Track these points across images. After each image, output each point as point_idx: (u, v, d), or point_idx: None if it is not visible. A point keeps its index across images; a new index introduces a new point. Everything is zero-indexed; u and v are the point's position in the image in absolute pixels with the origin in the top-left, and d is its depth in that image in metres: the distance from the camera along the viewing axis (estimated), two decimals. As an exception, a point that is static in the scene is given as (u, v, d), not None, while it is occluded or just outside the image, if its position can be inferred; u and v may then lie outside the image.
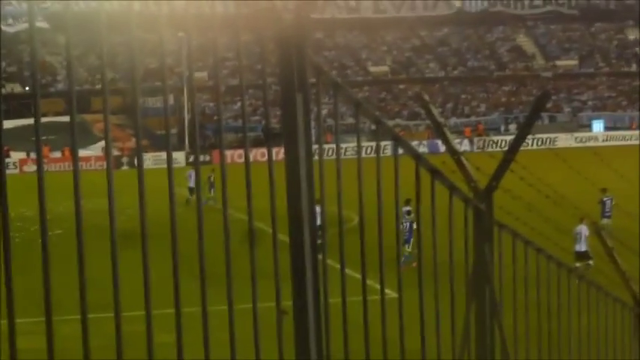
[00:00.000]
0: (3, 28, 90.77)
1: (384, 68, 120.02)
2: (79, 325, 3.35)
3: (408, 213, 34.88)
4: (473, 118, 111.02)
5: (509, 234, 6.71)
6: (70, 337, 3.58)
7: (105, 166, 3.57)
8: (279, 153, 4.25)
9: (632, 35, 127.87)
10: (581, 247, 41.19)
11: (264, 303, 4.12)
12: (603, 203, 49.59)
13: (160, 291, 3.76)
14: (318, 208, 5.56)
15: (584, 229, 41.16)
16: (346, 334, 4.67)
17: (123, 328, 3.50)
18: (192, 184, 57.92)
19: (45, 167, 3.45)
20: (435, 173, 5.80)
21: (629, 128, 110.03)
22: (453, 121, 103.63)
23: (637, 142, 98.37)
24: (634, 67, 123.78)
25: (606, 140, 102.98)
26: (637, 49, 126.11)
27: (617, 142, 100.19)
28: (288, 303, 4.21)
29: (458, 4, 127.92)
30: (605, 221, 46.61)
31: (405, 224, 35.31)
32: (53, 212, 3.49)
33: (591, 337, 7.99)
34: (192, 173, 59.57)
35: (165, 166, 3.78)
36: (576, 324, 7.90)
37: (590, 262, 39.54)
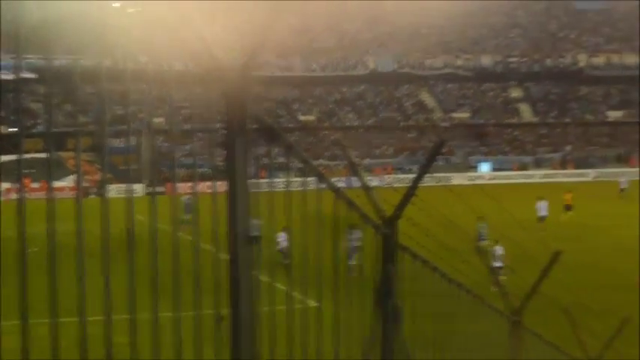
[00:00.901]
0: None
1: (312, 117, 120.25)
2: (48, 328, 3.32)
3: (350, 233, 34.65)
4: (383, 160, 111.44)
5: (410, 255, 6.76)
6: (42, 337, 3.53)
7: (76, 195, 3.55)
8: (222, 186, 4.26)
9: (514, 93, 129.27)
10: (496, 263, 41.93)
11: (205, 310, 4.12)
12: (480, 229, 49.77)
13: (117, 299, 3.73)
14: (283, 235, 5.68)
15: (498, 249, 43.07)
16: (274, 337, 4.67)
17: (86, 330, 3.47)
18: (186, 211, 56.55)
19: (26, 195, 3.43)
20: (350, 204, 5.82)
21: (511, 170, 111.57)
22: (367, 161, 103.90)
23: (517, 181, 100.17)
24: (515, 119, 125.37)
25: (492, 179, 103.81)
26: (518, 104, 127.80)
27: (501, 181, 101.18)
28: (226, 310, 4.21)
29: (372, 65, 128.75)
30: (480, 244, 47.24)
31: (351, 242, 34.82)
32: (30, 232, 3.44)
33: (476, 339, 8.07)
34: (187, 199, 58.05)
35: (125, 195, 3.78)
36: (464, 329, 7.96)
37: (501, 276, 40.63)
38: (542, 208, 62.50)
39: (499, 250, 42.72)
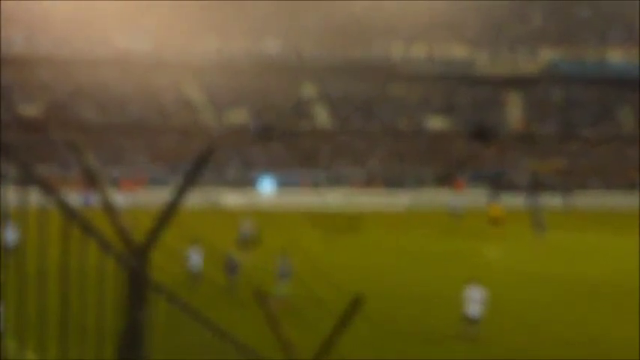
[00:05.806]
0: None
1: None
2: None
3: (283, 258, 21.73)
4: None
5: (166, 297, 3.08)
6: None
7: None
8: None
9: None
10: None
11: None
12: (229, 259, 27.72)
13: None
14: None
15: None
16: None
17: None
18: None
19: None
20: (87, 230, 2.29)
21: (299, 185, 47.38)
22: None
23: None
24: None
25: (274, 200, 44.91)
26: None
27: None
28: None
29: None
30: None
31: (281, 267, 22.69)
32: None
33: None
34: None
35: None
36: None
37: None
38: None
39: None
